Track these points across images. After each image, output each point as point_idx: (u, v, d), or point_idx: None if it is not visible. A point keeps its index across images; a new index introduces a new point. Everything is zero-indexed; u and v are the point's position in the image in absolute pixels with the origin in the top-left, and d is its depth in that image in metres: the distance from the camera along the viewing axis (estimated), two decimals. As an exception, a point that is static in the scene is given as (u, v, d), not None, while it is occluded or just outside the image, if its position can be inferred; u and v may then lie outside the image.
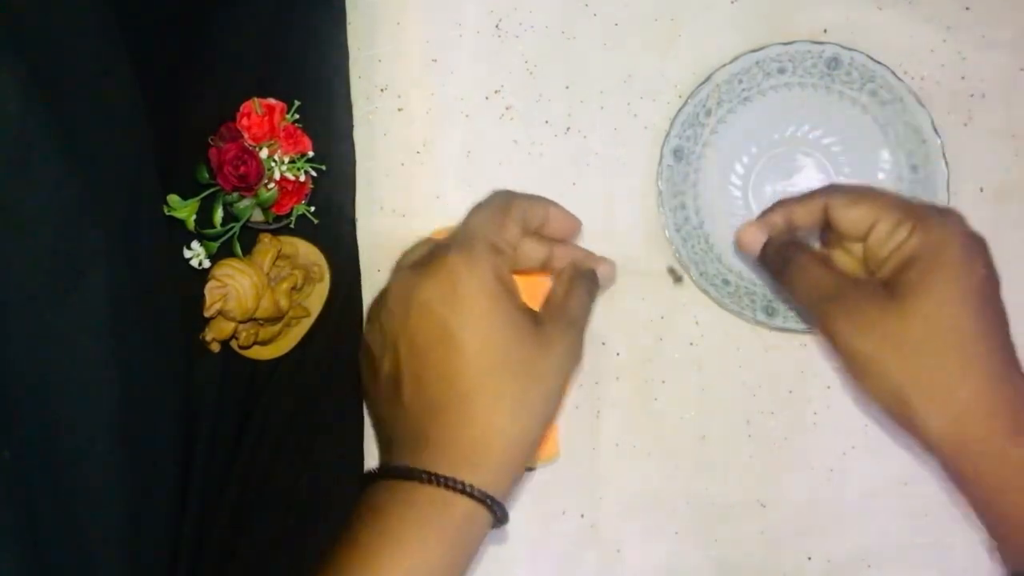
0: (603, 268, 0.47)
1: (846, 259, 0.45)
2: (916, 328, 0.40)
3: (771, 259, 0.45)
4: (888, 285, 0.41)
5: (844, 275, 0.43)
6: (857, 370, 0.41)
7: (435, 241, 0.45)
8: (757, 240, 0.45)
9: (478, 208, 0.44)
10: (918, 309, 0.40)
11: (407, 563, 0.38)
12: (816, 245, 0.48)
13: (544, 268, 0.46)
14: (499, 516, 0.39)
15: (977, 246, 0.41)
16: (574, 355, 0.42)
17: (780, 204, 0.46)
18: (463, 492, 0.38)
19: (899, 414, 0.41)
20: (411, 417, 0.40)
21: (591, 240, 0.51)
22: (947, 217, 0.42)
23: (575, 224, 0.48)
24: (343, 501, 0.50)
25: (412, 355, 0.41)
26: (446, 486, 0.38)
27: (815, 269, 0.43)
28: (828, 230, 0.45)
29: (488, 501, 0.39)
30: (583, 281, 0.45)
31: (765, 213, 0.46)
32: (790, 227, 0.46)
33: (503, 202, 0.44)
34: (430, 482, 0.38)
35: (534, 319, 0.42)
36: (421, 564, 0.38)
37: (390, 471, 0.40)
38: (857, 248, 0.45)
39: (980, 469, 0.39)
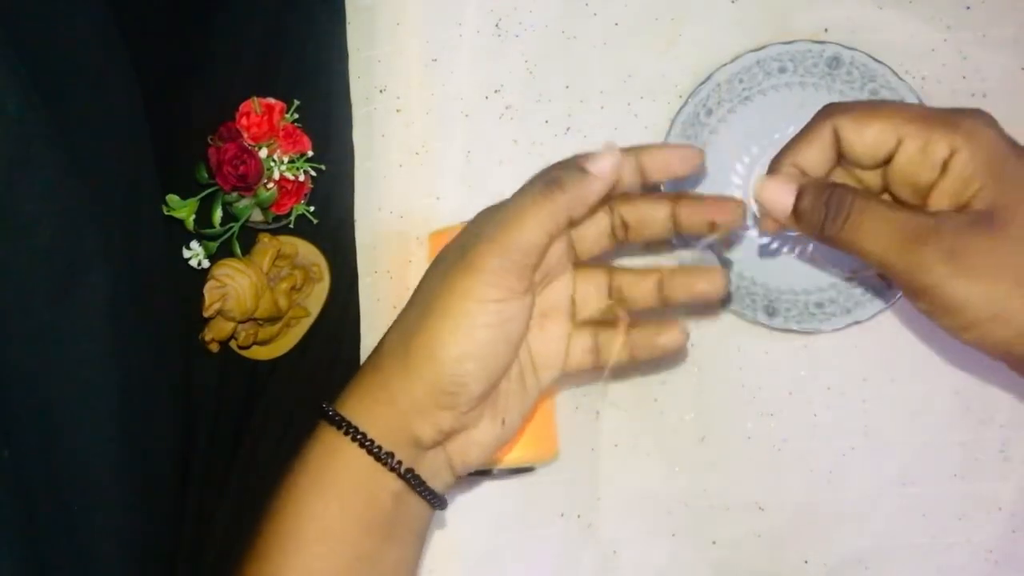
0: (594, 160, 0.39)
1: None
2: None
3: (812, 213, 0.37)
4: (973, 213, 0.35)
5: (923, 211, 0.36)
6: (969, 319, 0.35)
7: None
8: (785, 195, 0.38)
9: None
10: None
11: (290, 487, 0.38)
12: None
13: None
14: (377, 453, 0.37)
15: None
16: (467, 272, 0.37)
17: (782, 153, 0.40)
18: (325, 414, 0.38)
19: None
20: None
21: (591, 240, 0.51)
22: (978, 119, 0.37)
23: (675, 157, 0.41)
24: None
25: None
26: (320, 411, 0.38)
27: (886, 211, 0.36)
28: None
29: (340, 422, 0.37)
30: (534, 182, 0.39)
31: (771, 168, 0.40)
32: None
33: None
34: (325, 416, 0.38)
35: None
36: (295, 481, 0.38)
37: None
38: (870, 177, 0.39)
39: None
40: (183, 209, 0.51)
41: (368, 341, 0.51)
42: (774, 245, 0.50)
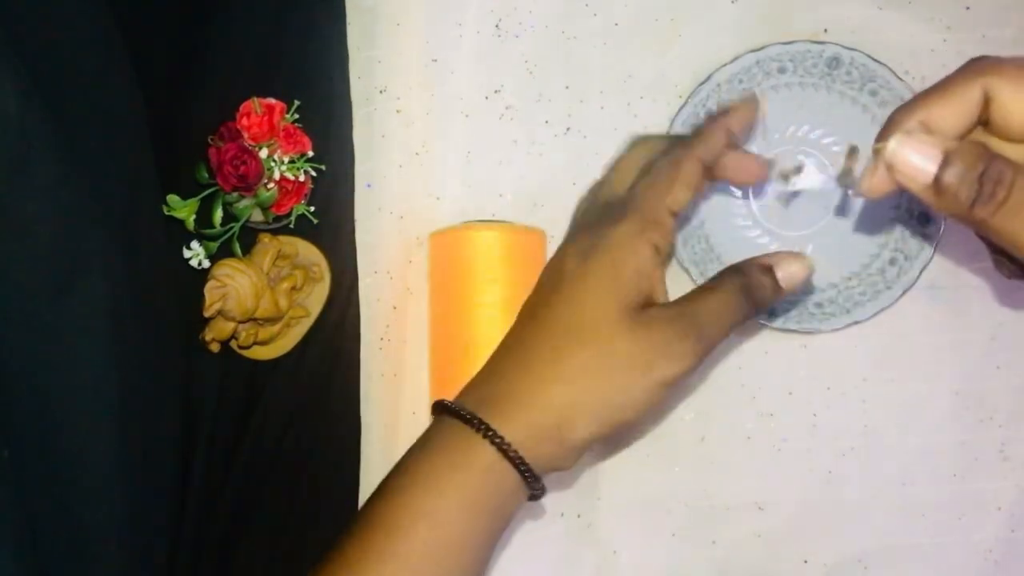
0: (785, 269, 0.38)
1: None
2: None
3: (961, 188, 0.31)
4: None
5: None
6: None
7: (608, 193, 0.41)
8: (928, 161, 0.31)
9: (646, 177, 0.39)
10: None
11: (427, 500, 0.37)
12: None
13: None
14: (529, 482, 0.37)
15: None
16: (673, 350, 0.37)
17: (911, 106, 0.34)
18: (487, 437, 0.36)
19: None
20: (493, 355, 0.39)
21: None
22: None
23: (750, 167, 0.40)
24: (341, 500, 0.50)
25: (535, 297, 0.40)
26: (476, 426, 0.36)
27: None
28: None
29: (512, 455, 0.36)
30: (735, 284, 0.38)
31: (893, 120, 0.34)
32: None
33: (670, 168, 0.39)
34: (454, 414, 0.37)
35: (645, 311, 0.37)
36: (439, 501, 0.36)
37: (435, 403, 0.39)
38: (1013, 151, 0.33)
39: None
40: (183, 209, 0.51)
41: (368, 339, 0.51)
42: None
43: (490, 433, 0.36)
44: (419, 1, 0.52)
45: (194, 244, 0.51)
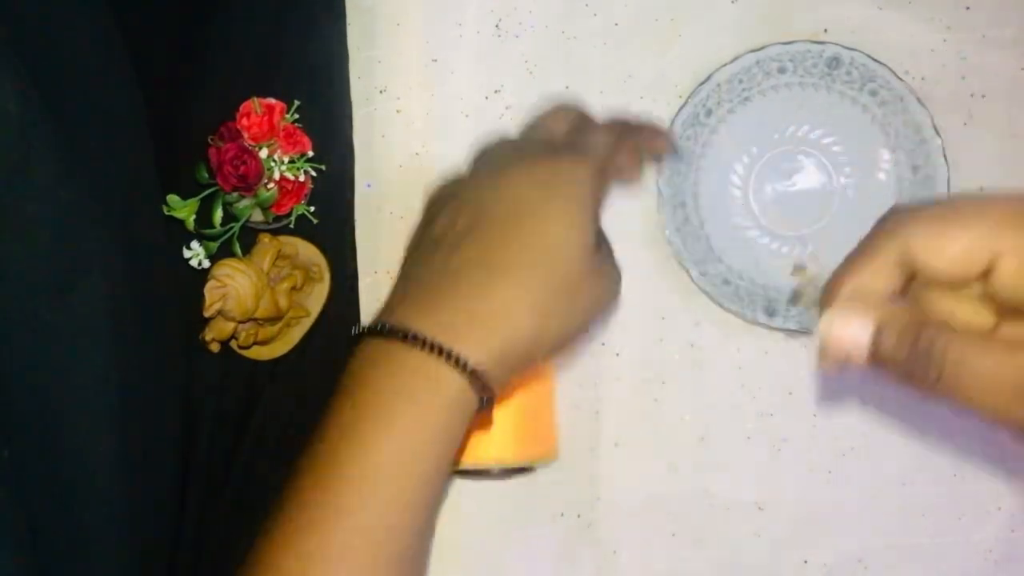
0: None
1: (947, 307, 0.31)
2: None
3: (896, 359, 0.29)
4: None
5: None
6: None
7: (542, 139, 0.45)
8: (859, 332, 0.30)
9: (596, 128, 0.44)
10: None
11: (391, 442, 0.35)
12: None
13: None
14: (484, 403, 0.37)
15: None
16: (614, 286, 0.41)
17: (840, 275, 0.31)
18: (457, 367, 0.35)
19: None
20: (435, 276, 0.38)
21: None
22: None
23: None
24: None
25: (477, 218, 0.39)
26: (440, 354, 0.35)
27: (991, 357, 0.28)
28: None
29: (479, 382, 0.36)
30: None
31: (827, 289, 0.32)
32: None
33: (621, 129, 0.45)
34: (425, 348, 0.36)
35: (597, 249, 0.40)
36: (405, 441, 0.35)
37: (386, 329, 0.36)
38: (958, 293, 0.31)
39: None
40: (183, 209, 0.51)
41: (368, 341, 0.51)
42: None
43: (461, 362, 0.35)
44: (419, 1, 0.52)
45: (194, 244, 0.51)
